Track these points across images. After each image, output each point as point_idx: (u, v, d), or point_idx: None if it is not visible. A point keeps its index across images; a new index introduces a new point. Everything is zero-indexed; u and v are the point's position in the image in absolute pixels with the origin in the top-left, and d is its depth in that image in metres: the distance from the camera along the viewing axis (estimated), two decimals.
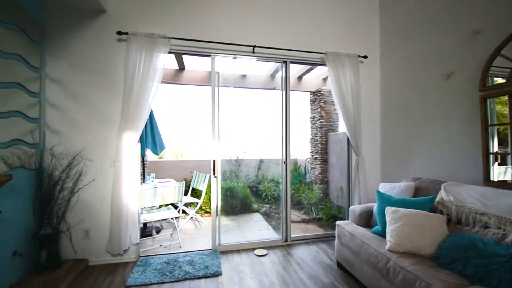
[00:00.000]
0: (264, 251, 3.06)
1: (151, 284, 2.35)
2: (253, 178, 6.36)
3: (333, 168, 5.46)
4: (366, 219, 2.61)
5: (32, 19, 2.41)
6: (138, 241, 2.83)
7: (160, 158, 6.56)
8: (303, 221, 4.58)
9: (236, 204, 5.07)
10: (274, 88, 5.29)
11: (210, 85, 3.13)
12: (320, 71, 5.34)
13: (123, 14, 2.77)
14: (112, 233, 2.64)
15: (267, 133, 6.33)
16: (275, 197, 5.55)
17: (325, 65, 3.33)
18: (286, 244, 3.29)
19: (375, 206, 2.50)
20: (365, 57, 3.47)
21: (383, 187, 2.69)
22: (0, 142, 2.04)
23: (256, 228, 4.35)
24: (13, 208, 2.18)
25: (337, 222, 2.68)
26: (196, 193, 5.06)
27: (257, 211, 5.10)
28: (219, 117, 3.14)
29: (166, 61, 2.81)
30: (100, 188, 2.69)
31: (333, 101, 3.93)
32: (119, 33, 2.67)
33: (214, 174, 3.07)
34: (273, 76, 5.26)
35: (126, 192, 2.65)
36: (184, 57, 4.31)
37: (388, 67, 3.46)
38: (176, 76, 5.03)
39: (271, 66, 4.87)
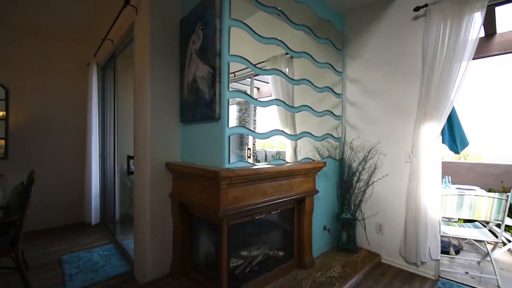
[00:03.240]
0: None
1: None
2: None
3: None
4: None
5: (336, 31, 2.80)
6: (439, 258, 2.30)
7: (462, 157, 5.28)
8: None
9: None
10: None
11: None
12: None
13: None
14: (407, 237, 2.37)
15: None
16: None
17: None
18: None
19: None
20: None
21: None
22: (317, 136, 2.54)
23: None
24: (324, 189, 2.65)
25: None
26: None
27: None
28: None
29: (479, 27, 2.01)
30: (394, 184, 2.53)
31: None
32: (417, 8, 2.32)
33: None
34: None
35: (424, 193, 2.24)
36: (498, 14, 2.99)
37: None
38: (481, 47, 3.70)
39: None
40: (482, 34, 3.54)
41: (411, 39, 2.43)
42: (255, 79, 3.22)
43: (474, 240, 2.82)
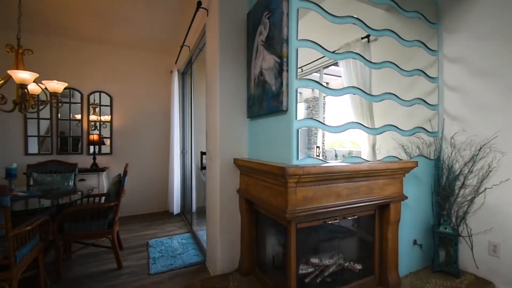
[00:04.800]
0: None
1: None
2: None
3: None
4: None
5: (428, 1, 2.28)
6: None
7: None
8: None
9: None
10: None
11: None
12: None
13: None
14: None
15: None
16: None
17: None
18: None
19: None
20: None
21: None
22: (404, 130, 2.11)
23: None
24: (415, 195, 2.18)
25: None
26: None
27: None
28: None
29: None
30: None
31: None
32: None
33: None
34: None
35: None
36: None
37: None
38: None
39: None
40: None
41: None
42: (325, 73, 2.96)
43: None
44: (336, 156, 2.69)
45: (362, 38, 2.20)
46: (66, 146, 3.95)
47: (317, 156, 2.30)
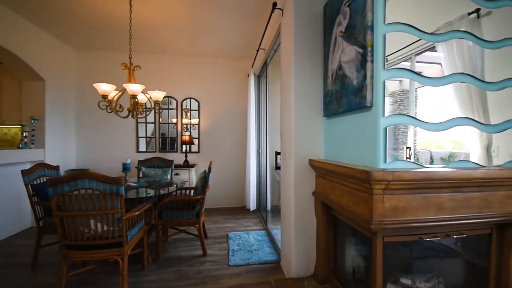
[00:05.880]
0: None
1: None
2: None
3: None
4: None
5: None
6: None
7: None
8: None
9: None
10: None
11: None
12: None
13: None
14: None
15: None
16: None
17: None
18: None
19: None
20: None
21: None
22: None
23: None
24: None
25: None
26: None
27: None
28: None
29: None
30: None
31: None
32: None
33: None
34: None
35: None
36: None
37: None
38: None
39: None
40: None
41: None
42: (417, 61, 2.50)
43: None
44: (432, 159, 2.24)
45: (470, 14, 1.74)
46: (165, 145, 4.68)
47: (407, 158, 1.97)
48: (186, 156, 4.45)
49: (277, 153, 4.20)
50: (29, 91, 3.63)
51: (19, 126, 3.70)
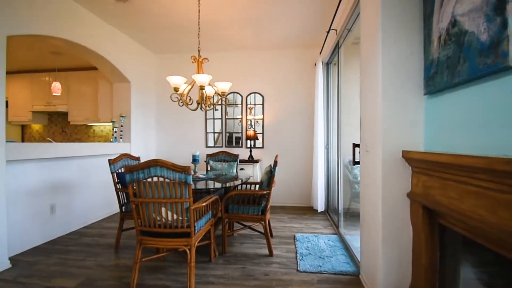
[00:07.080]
0: None
1: None
2: None
3: None
4: None
5: None
6: None
7: None
8: None
9: None
10: None
11: None
12: None
13: None
14: None
15: None
16: None
17: None
18: None
19: None
20: None
21: None
22: None
23: None
24: None
25: None
26: None
27: None
28: None
29: None
30: None
31: None
32: None
33: None
34: None
35: None
36: None
37: None
38: None
39: None
40: None
41: None
42: None
43: None
44: None
45: None
46: (231, 140, 4.73)
47: None
48: (250, 151, 4.39)
49: (355, 145, 3.70)
50: (118, 91, 4.15)
51: (111, 124, 4.27)
